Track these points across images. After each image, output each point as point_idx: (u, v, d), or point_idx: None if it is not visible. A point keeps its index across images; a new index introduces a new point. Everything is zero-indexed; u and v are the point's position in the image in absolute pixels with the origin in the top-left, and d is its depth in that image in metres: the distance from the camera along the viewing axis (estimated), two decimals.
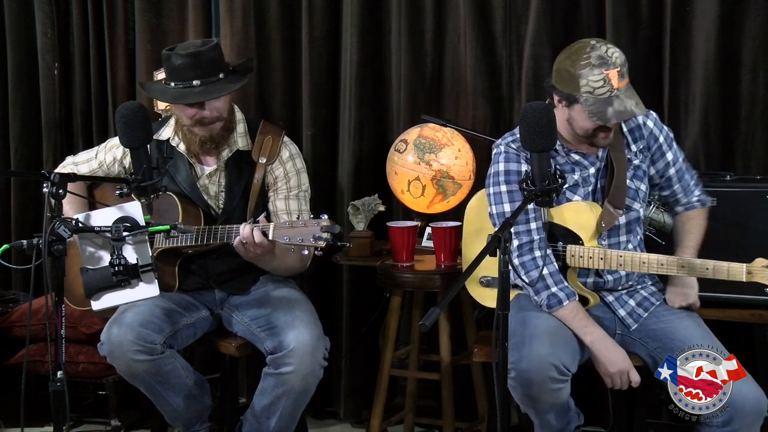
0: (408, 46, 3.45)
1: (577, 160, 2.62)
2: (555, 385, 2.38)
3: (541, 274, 2.52)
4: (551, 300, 2.53)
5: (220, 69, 2.80)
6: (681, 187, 2.70)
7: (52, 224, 2.22)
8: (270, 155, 2.89)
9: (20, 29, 3.98)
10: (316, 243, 2.44)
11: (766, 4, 3.05)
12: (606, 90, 2.44)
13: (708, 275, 2.45)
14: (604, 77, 2.43)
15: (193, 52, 2.76)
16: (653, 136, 2.65)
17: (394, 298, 3.13)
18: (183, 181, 2.89)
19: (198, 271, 2.90)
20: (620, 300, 2.65)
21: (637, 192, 2.63)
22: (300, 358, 2.64)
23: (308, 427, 3.08)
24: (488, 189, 2.67)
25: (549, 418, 2.51)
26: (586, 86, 2.45)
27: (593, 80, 2.44)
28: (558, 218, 2.59)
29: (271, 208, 2.91)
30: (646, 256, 2.52)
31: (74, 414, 3.61)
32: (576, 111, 2.51)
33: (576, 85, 2.46)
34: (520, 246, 2.59)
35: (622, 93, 2.45)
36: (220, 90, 2.77)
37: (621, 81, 2.45)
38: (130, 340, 2.63)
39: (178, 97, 2.78)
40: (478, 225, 2.83)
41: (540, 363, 2.37)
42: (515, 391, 2.41)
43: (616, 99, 2.45)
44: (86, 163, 3.05)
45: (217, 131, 2.82)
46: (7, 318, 3.48)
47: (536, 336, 2.44)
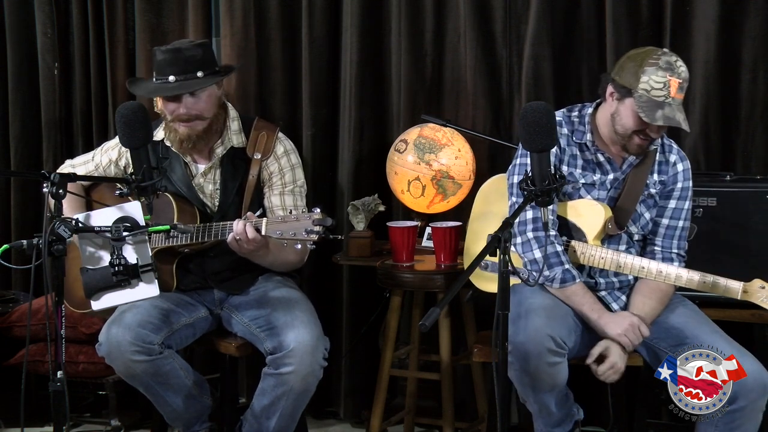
0: (408, 46, 3.45)
1: (600, 162, 2.64)
2: (552, 359, 2.38)
3: (556, 250, 2.55)
4: (566, 275, 2.54)
5: (200, 67, 2.80)
6: (662, 244, 2.66)
7: (52, 224, 2.22)
8: (265, 151, 2.90)
9: (20, 29, 3.98)
10: (308, 237, 2.44)
11: (766, 4, 3.05)
12: (663, 94, 2.46)
13: (706, 290, 2.48)
14: (666, 81, 2.46)
15: (173, 49, 2.80)
16: (675, 179, 2.65)
17: (394, 298, 3.13)
18: (179, 181, 2.89)
19: (196, 271, 2.90)
20: (613, 295, 2.66)
21: (640, 217, 2.64)
22: (300, 359, 2.63)
23: (308, 427, 3.08)
24: (515, 160, 2.69)
25: (548, 403, 2.50)
26: (646, 84, 2.46)
27: (655, 80, 2.46)
28: (568, 212, 2.60)
29: (267, 204, 2.91)
30: (647, 263, 2.54)
31: (74, 414, 3.61)
32: (625, 106, 2.52)
33: (637, 80, 2.47)
34: (535, 219, 2.60)
35: (675, 104, 2.47)
36: (191, 86, 2.77)
37: (679, 93, 2.48)
38: (128, 341, 2.63)
39: (152, 90, 2.83)
40: (486, 209, 2.86)
41: (536, 335, 2.38)
42: (512, 367, 2.40)
43: (668, 106, 2.46)
44: (83, 166, 3.05)
45: (197, 131, 2.82)
46: (7, 318, 3.48)
47: (532, 311, 2.46)
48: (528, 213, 2.60)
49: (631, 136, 2.55)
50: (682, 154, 2.68)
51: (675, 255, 2.65)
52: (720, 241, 2.75)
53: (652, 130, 2.51)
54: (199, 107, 2.80)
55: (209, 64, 2.84)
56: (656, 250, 2.66)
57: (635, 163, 2.63)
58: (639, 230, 2.65)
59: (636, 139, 2.55)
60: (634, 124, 2.51)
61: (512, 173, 2.68)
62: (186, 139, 2.83)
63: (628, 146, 2.57)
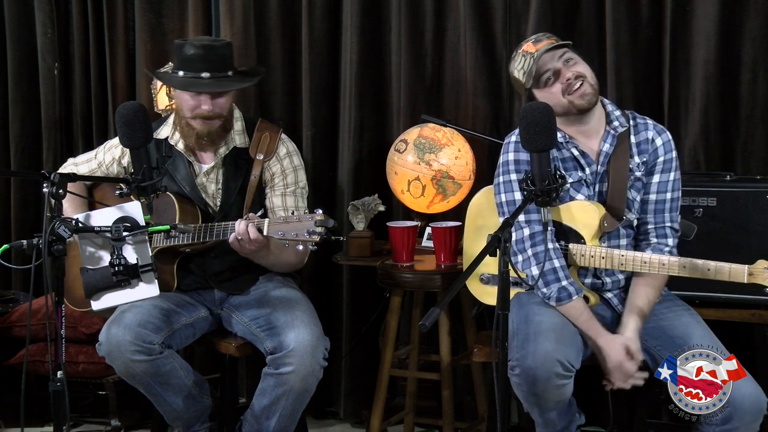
0: (408, 46, 3.45)
1: (575, 156, 2.62)
2: (560, 381, 2.38)
3: (554, 266, 2.53)
4: (561, 293, 2.52)
5: (229, 67, 2.83)
6: (654, 220, 2.63)
7: (52, 224, 2.22)
8: (267, 152, 2.90)
9: (20, 29, 3.98)
10: (310, 238, 2.45)
11: (766, 4, 3.05)
12: (530, 59, 2.58)
13: (710, 276, 2.44)
14: (522, 53, 2.61)
15: (206, 45, 2.80)
16: (656, 154, 2.63)
17: (394, 298, 3.13)
18: (183, 180, 2.89)
19: (196, 271, 2.91)
20: (619, 297, 2.65)
21: (633, 203, 2.63)
22: (300, 358, 2.63)
23: (308, 427, 3.08)
24: (497, 178, 2.68)
25: (552, 416, 2.51)
26: (519, 69, 2.60)
27: (518, 67, 2.61)
28: (562, 216, 2.59)
29: (268, 205, 2.91)
30: (648, 256, 2.52)
31: (74, 414, 3.61)
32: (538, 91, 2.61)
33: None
34: (532, 235, 2.59)
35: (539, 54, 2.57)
36: (227, 85, 2.80)
37: (536, 45, 2.59)
38: (129, 341, 2.63)
39: (186, 84, 2.80)
40: (479, 222, 2.83)
41: (545, 359, 2.36)
42: (520, 388, 2.40)
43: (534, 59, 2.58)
44: (86, 164, 3.05)
45: (215, 128, 2.83)
46: (7, 318, 3.48)
47: (541, 333, 2.43)
48: (525, 230, 2.59)
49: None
50: (659, 127, 2.66)
51: (669, 228, 2.62)
52: (720, 241, 2.75)
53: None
54: (222, 106, 2.82)
55: (233, 65, 2.87)
56: (649, 228, 2.63)
57: (611, 152, 2.62)
58: (636, 216, 2.64)
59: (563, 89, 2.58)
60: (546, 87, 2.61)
61: (498, 192, 2.66)
62: (205, 136, 2.84)
63: (573, 102, 2.58)
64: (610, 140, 2.61)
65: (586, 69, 2.60)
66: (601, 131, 2.63)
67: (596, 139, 2.63)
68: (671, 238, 2.62)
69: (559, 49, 2.60)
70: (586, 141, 2.63)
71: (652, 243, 2.62)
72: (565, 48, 2.61)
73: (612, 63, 3.17)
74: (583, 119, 2.60)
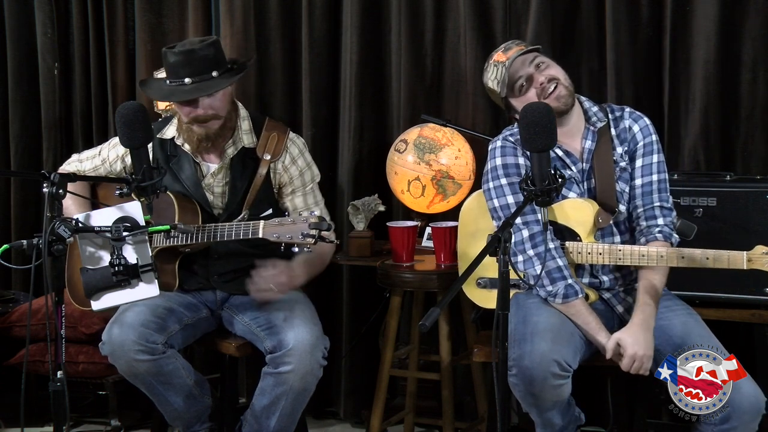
0: (408, 46, 3.45)
1: (560, 156, 2.63)
2: (557, 381, 2.38)
3: (558, 265, 2.53)
4: (569, 290, 2.52)
5: (214, 67, 2.78)
6: (642, 203, 2.62)
7: (52, 224, 2.22)
8: (275, 152, 2.89)
9: (20, 29, 3.99)
10: (304, 240, 2.46)
11: (766, 4, 3.05)
12: (501, 68, 2.62)
13: (708, 265, 2.44)
14: (493, 63, 2.65)
15: (186, 50, 2.76)
16: (635, 140, 2.64)
17: (394, 298, 3.13)
18: (187, 180, 2.88)
19: (200, 272, 2.90)
20: (617, 296, 2.65)
21: (623, 194, 2.63)
22: (299, 358, 2.64)
23: (308, 427, 3.08)
24: (487, 184, 2.68)
25: (551, 416, 2.51)
26: (493, 79, 2.66)
27: (491, 78, 2.65)
28: (557, 215, 2.59)
29: (290, 207, 2.91)
30: (645, 249, 2.52)
31: (74, 414, 3.61)
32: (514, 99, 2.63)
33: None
34: (532, 236, 2.59)
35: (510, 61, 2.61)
36: (209, 88, 2.75)
37: (506, 53, 2.63)
38: (132, 340, 2.63)
39: (168, 94, 2.80)
40: (473, 227, 2.83)
41: (542, 360, 2.36)
42: (517, 388, 2.40)
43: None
44: (90, 160, 3.05)
45: (213, 130, 2.81)
46: (7, 318, 3.48)
47: (538, 333, 2.44)
48: (524, 232, 2.58)
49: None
50: (635, 114, 2.66)
51: (658, 208, 2.60)
52: (720, 241, 2.74)
53: None
54: (215, 107, 2.78)
55: (222, 62, 2.82)
56: (639, 213, 2.62)
57: (593, 148, 2.63)
58: (627, 204, 2.64)
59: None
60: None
61: (490, 197, 2.66)
62: (204, 139, 2.82)
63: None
64: (591, 137, 2.64)
65: (559, 71, 2.62)
66: (582, 129, 2.65)
67: (578, 138, 2.65)
68: (661, 218, 2.60)
69: (529, 53, 2.62)
70: (569, 140, 2.65)
71: (642, 227, 2.61)
72: (535, 53, 2.64)
73: (612, 63, 3.17)
74: (563, 120, 2.61)
